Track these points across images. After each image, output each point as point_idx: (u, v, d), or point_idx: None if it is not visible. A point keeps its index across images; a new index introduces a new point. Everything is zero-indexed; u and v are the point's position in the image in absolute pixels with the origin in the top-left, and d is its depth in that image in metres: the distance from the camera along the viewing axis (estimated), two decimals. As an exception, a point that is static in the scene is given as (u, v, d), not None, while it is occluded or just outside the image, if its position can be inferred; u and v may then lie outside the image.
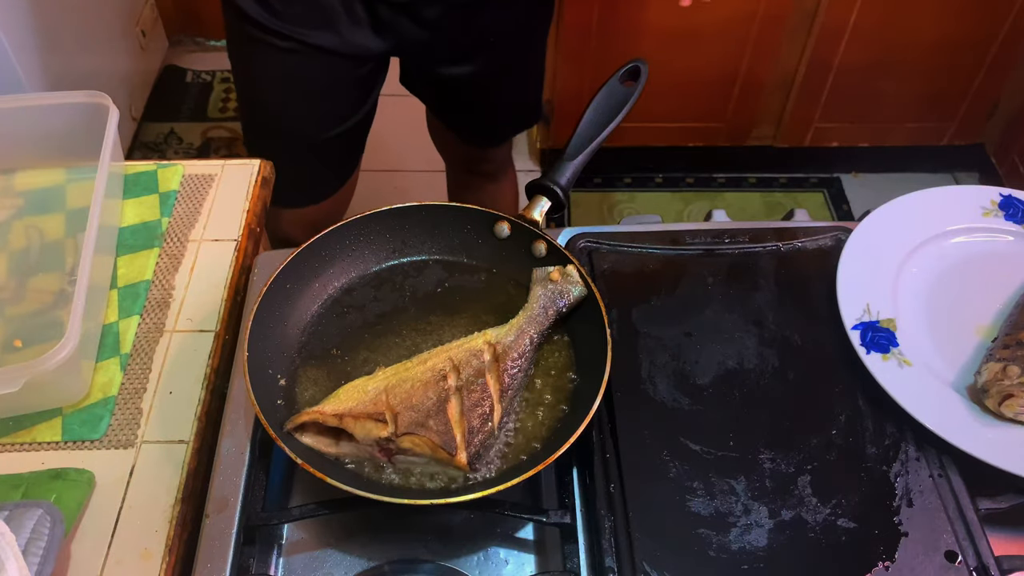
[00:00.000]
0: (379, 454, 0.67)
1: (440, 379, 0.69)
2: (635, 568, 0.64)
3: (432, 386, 0.68)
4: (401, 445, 0.65)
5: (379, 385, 0.69)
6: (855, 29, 1.91)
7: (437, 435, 0.65)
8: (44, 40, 1.78)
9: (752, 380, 0.76)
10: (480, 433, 0.67)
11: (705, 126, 2.18)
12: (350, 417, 0.66)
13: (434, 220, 0.82)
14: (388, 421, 0.65)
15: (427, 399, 0.67)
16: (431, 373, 0.69)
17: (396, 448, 0.66)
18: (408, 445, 0.65)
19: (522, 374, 0.72)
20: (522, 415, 0.72)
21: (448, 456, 0.65)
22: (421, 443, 0.65)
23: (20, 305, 0.83)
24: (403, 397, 0.67)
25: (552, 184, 0.80)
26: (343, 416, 0.66)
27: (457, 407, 0.68)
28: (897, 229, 0.86)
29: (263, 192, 0.97)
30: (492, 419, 0.69)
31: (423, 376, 0.69)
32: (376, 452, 0.67)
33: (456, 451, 0.65)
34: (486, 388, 0.69)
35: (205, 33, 2.56)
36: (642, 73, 0.86)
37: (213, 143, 2.31)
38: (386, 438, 0.65)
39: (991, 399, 0.72)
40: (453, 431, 0.66)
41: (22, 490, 0.69)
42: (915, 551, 0.65)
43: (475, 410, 0.68)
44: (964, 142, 2.22)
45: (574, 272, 0.77)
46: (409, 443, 0.65)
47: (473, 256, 0.83)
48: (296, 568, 0.69)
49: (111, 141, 0.85)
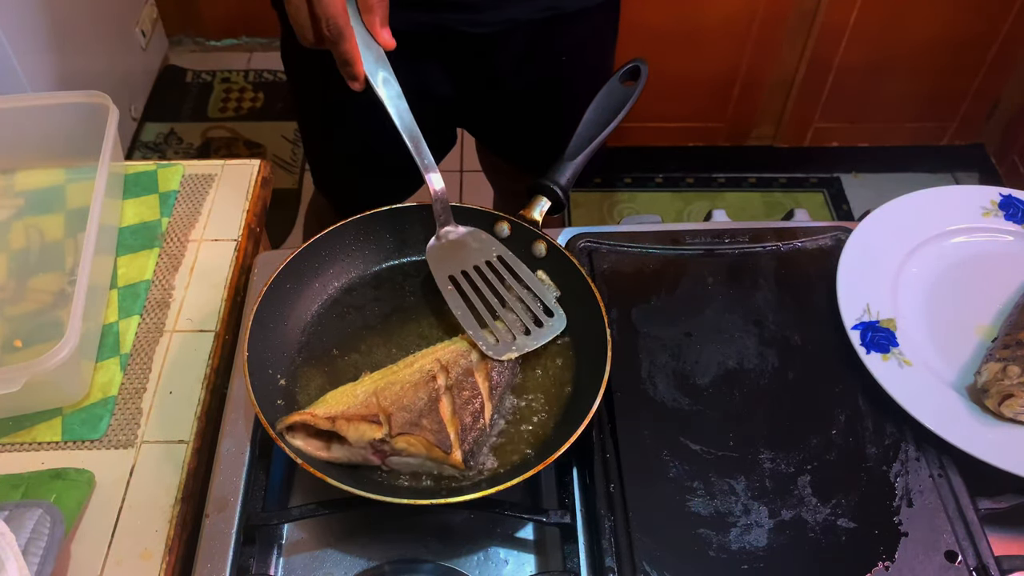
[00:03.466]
0: (373, 456, 0.67)
1: (430, 379, 0.69)
2: (635, 568, 0.64)
3: (422, 387, 0.68)
4: (396, 446, 0.65)
5: (367, 388, 0.68)
6: (855, 29, 1.91)
7: (432, 434, 0.65)
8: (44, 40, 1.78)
9: (752, 380, 0.76)
10: (473, 431, 0.68)
11: (705, 126, 2.18)
12: (343, 419, 0.66)
13: (434, 220, 0.82)
14: (382, 422, 0.65)
15: (418, 399, 0.67)
16: (420, 374, 0.69)
17: (390, 449, 0.66)
18: (403, 445, 0.65)
19: (509, 371, 0.73)
20: (521, 415, 0.72)
21: (443, 455, 0.65)
22: (416, 443, 0.65)
23: (20, 305, 0.83)
24: (394, 398, 0.67)
25: (552, 184, 0.80)
26: (336, 419, 0.66)
27: (449, 406, 0.68)
28: (897, 229, 0.86)
29: (263, 192, 0.97)
30: (484, 416, 0.69)
31: (412, 377, 0.69)
32: (370, 454, 0.67)
33: (451, 449, 0.65)
34: (476, 386, 0.69)
35: (205, 33, 2.56)
36: (642, 73, 0.86)
37: (213, 143, 2.31)
38: (380, 439, 0.65)
39: (991, 399, 0.72)
40: (447, 429, 0.66)
41: (22, 490, 0.69)
42: (915, 551, 0.65)
43: (466, 408, 0.68)
44: (964, 142, 2.22)
45: (546, 277, 0.79)
46: (404, 443, 0.65)
47: None
48: (296, 568, 0.69)
49: (111, 141, 0.85)
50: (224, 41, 2.59)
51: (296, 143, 2.32)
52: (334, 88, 0.79)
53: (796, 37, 1.95)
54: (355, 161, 1.12)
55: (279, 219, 2.12)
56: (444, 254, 0.78)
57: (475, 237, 0.79)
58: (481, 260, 0.78)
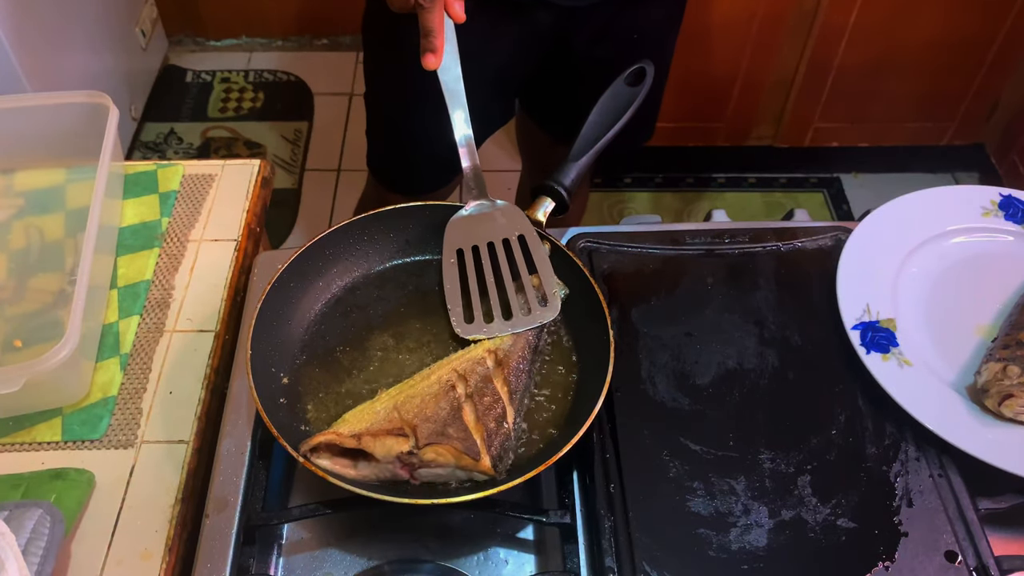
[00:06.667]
0: (401, 471, 0.66)
1: (449, 389, 0.68)
2: (635, 568, 0.64)
3: (443, 397, 0.68)
4: (424, 457, 0.65)
5: (387, 404, 0.68)
6: (855, 29, 1.91)
7: (459, 442, 0.65)
8: (44, 40, 1.78)
9: (752, 380, 0.76)
10: (498, 435, 0.67)
11: (705, 126, 2.18)
12: (368, 436, 0.65)
13: (437, 220, 0.82)
14: (408, 435, 0.65)
15: (441, 409, 0.67)
16: (439, 385, 0.69)
17: (419, 462, 0.65)
18: (432, 456, 0.65)
19: (525, 375, 0.72)
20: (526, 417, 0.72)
21: (473, 462, 0.65)
22: (444, 452, 0.65)
23: (20, 305, 0.83)
24: (417, 411, 0.67)
25: (556, 185, 0.80)
26: (361, 436, 0.65)
27: (472, 413, 0.68)
28: (897, 229, 0.86)
29: (263, 192, 0.97)
30: (507, 420, 0.69)
31: (431, 389, 0.69)
32: (398, 469, 0.66)
33: (480, 456, 0.65)
34: (496, 392, 0.69)
35: (205, 33, 2.56)
36: (647, 75, 0.86)
37: (213, 143, 2.31)
38: (408, 452, 0.65)
39: (991, 399, 0.72)
40: (473, 436, 0.66)
41: (22, 490, 0.69)
42: (915, 551, 0.65)
43: (489, 414, 0.68)
44: (964, 142, 2.22)
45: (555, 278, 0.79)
46: (433, 454, 0.65)
47: None
48: (296, 568, 0.69)
49: (111, 141, 0.85)
50: (224, 41, 2.58)
51: (296, 143, 2.32)
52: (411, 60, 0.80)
53: (796, 37, 1.95)
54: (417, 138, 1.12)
55: (279, 219, 2.12)
56: (463, 226, 0.78)
57: (505, 213, 0.79)
58: (499, 237, 0.77)
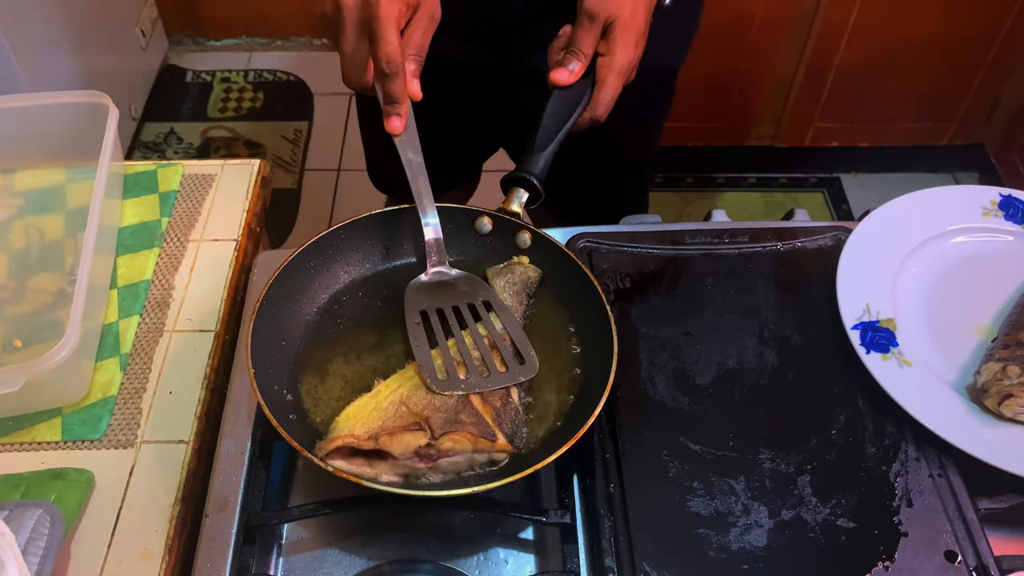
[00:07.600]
0: (420, 464, 0.66)
1: None
2: (635, 568, 0.64)
3: None
4: (442, 447, 0.65)
5: (393, 399, 0.68)
6: (855, 29, 1.91)
7: (473, 426, 0.66)
8: (44, 40, 1.79)
9: (752, 380, 0.76)
10: (506, 412, 0.69)
11: (705, 126, 2.18)
12: (385, 435, 0.66)
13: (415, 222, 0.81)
14: (424, 427, 0.66)
15: (448, 398, 0.68)
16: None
17: (437, 452, 0.65)
18: (449, 445, 0.65)
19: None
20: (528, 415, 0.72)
21: (489, 443, 0.66)
22: (461, 439, 0.65)
23: (20, 305, 0.83)
24: (425, 403, 0.67)
25: (527, 175, 0.78)
26: (378, 436, 0.66)
27: (477, 397, 0.69)
28: (897, 229, 0.86)
29: (263, 192, 0.97)
30: (512, 397, 0.70)
31: None
32: (416, 463, 0.66)
33: (495, 436, 0.66)
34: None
35: (205, 33, 2.56)
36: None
37: (213, 143, 2.31)
38: (426, 444, 0.65)
39: (991, 399, 0.72)
40: (485, 419, 0.67)
41: (22, 490, 0.69)
42: (915, 551, 0.65)
43: (493, 394, 0.69)
44: (964, 142, 2.22)
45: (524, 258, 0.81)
46: (450, 442, 0.65)
47: (459, 253, 0.83)
48: (296, 568, 0.69)
49: (111, 141, 0.85)
50: (224, 41, 2.59)
51: (296, 143, 2.32)
52: None
53: (796, 37, 1.95)
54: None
55: (279, 219, 2.12)
56: (424, 291, 0.77)
57: (467, 281, 0.78)
58: (463, 303, 0.76)
